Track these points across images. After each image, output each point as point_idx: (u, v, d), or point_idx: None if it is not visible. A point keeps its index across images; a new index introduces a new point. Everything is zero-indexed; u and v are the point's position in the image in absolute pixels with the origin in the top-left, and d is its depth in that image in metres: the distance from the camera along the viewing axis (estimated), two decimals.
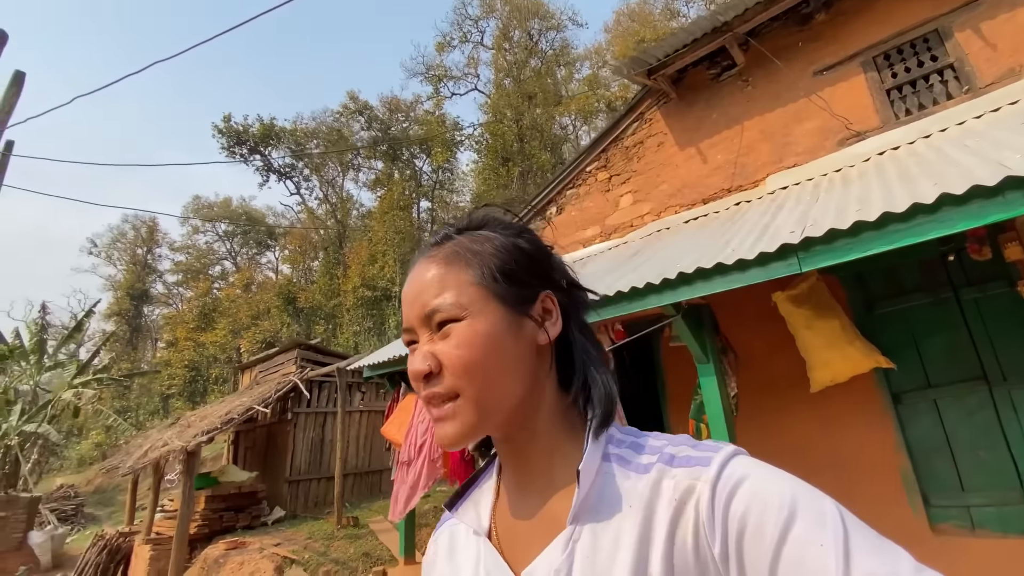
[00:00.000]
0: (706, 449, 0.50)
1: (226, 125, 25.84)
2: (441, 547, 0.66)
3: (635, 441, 0.56)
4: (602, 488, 0.52)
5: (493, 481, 0.64)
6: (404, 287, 0.60)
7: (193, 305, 30.66)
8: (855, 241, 2.24)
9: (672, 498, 0.48)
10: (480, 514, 0.62)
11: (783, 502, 0.43)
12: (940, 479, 3.38)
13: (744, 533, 0.44)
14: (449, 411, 0.53)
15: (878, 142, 3.88)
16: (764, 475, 0.46)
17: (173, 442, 7.06)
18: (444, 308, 0.54)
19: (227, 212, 36.02)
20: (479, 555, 0.59)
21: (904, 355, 3.51)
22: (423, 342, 0.56)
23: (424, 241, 0.65)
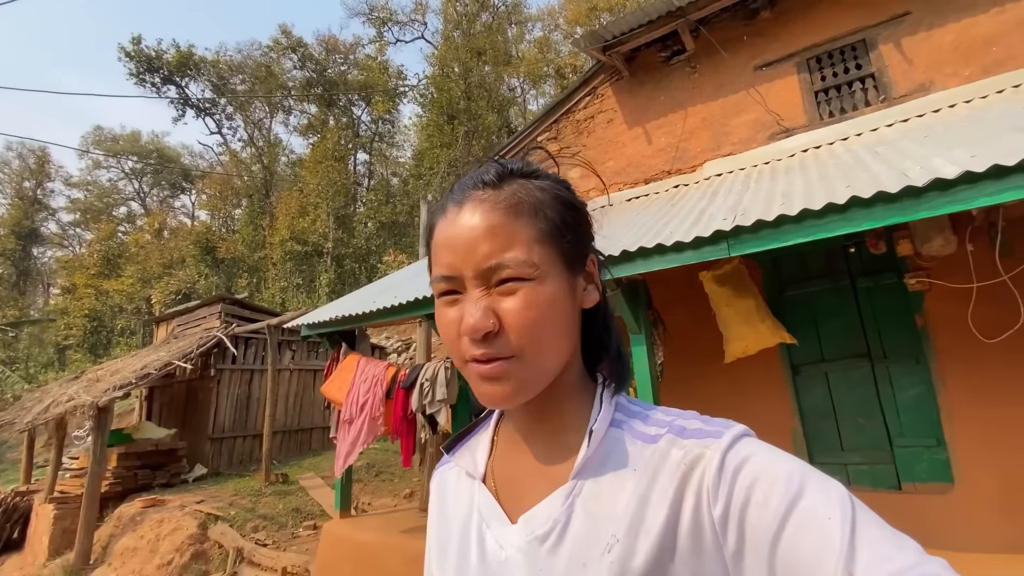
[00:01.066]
0: (718, 424, 0.51)
1: (135, 48, 22.97)
2: (436, 487, 0.69)
3: (644, 412, 0.56)
4: (609, 450, 0.53)
5: (491, 431, 0.65)
6: (450, 227, 0.54)
7: (95, 249, 27.69)
8: (777, 232, 2.52)
9: (680, 463, 0.49)
10: (476, 459, 0.63)
11: (791, 478, 0.43)
12: (825, 440, 3.94)
13: (749, 502, 0.44)
14: (500, 370, 0.50)
15: (804, 139, 4.25)
16: (775, 454, 0.47)
17: (81, 397, 6.57)
18: (513, 266, 0.51)
19: (135, 147, 32.44)
20: (472, 497, 0.61)
21: (805, 332, 3.98)
22: (476, 295, 0.51)
23: (471, 176, 0.57)
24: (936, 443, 3.45)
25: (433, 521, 0.67)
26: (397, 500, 6.85)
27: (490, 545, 0.56)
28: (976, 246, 3.07)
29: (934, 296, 3.52)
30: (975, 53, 3.75)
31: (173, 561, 5.48)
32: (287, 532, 6.24)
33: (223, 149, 29.38)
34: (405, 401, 4.06)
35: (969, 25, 3.80)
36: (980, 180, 1.89)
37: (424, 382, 3.91)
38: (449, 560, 0.61)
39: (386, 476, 7.96)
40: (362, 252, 22.50)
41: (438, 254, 0.54)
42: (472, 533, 0.59)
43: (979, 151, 2.06)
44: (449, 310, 0.53)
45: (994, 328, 3.05)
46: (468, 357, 0.51)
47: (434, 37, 26.85)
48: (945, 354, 3.47)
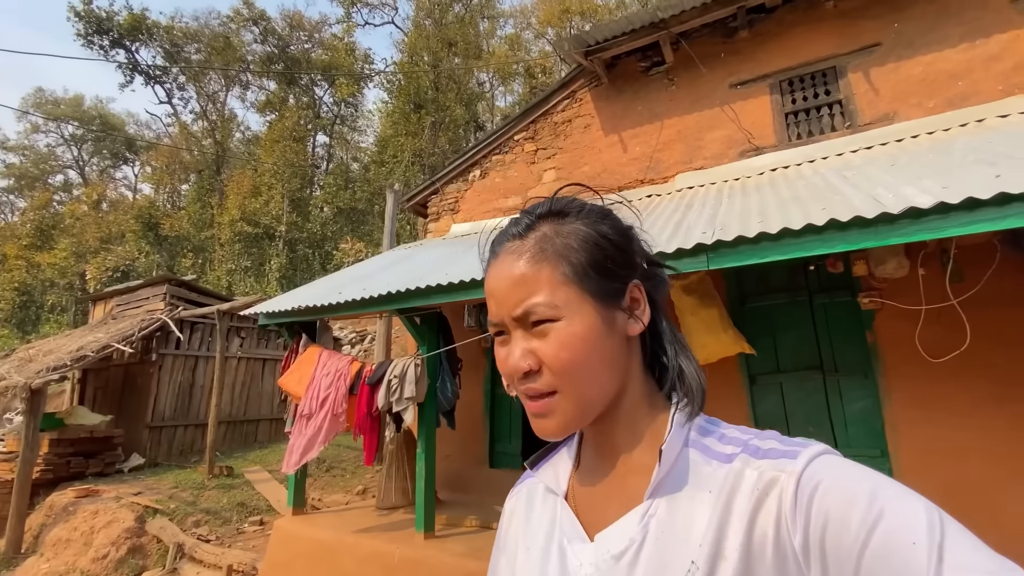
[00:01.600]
0: (794, 444, 0.50)
1: (85, 8, 21.29)
2: (520, 502, 0.69)
3: (720, 431, 0.57)
4: (683, 471, 0.54)
5: (574, 449, 0.66)
6: (489, 279, 0.59)
7: (27, 218, 25.53)
8: (755, 248, 2.60)
9: (755, 487, 0.48)
10: (559, 476, 0.65)
11: (873, 498, 0.42)
12: None
13: (828, 526, 0.43)
14: (546, 407, 0.54)
15: (772, 159, 4.42)
16: (853, 471, 0.46)
17: (12, 377, 6.03)
18: (538, 310, 0.54)
19: (77, 112, 30.07)
20: (556, 514, 0.62)
21: (763, 344, 4.16)
22: (517, 337, 0.56)
23: (504, 230, 0.61)
24: (880, 454, 3.68)
25: (517, 535, 0.67)
26: (349, 496, 6.68)
27: (571, 561, 0.57)
28: (927, 271, 3.29)
29: (885, 315, 3.75)
30: (941, 86, 4.00)
31: (109, 555, 5.13)
32: (232, 528, 5.96)
33: (172, 120, 27.73)
34: (370, 398, 3.95)
35: (937, 59, 4.05)
36: (953, 211, 2.02)
37: (392, 379, 3.82)
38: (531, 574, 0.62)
39: (337, 472, 7.75)
40: (317, 238, 21.79)
41: (487, 301, 0.59)
42: (554, 548, 0.60)
43: (949, 182, 2.20)
44: (501, 349, 0.58)
45: (940, 348, 3.28)
46: (519, 392, 0.57)
47: (404, 23, 26.34)
48: (892, 370, 3.71)
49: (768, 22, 4.73)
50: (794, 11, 4.66)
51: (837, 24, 4.48)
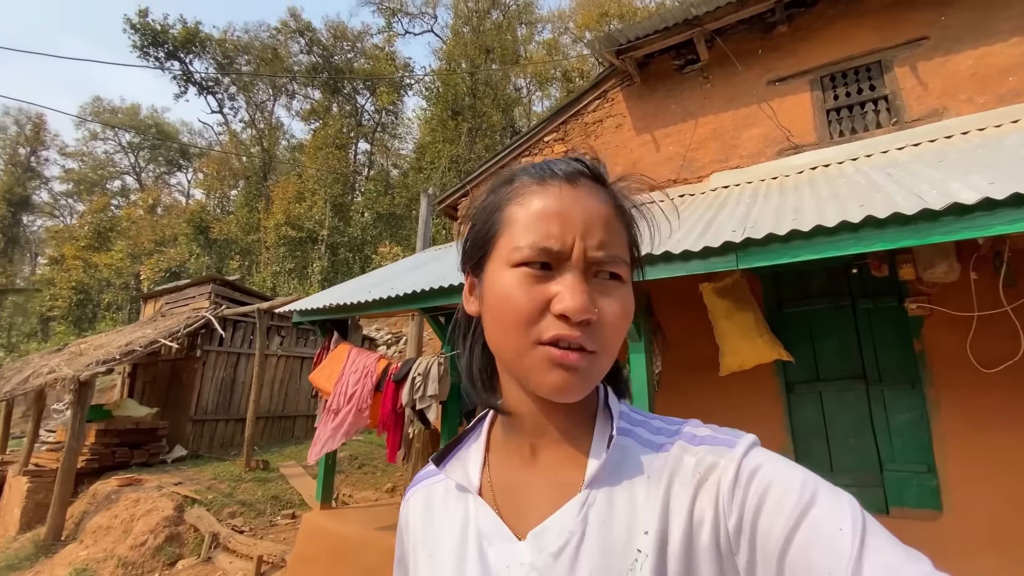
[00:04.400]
0: (729, 433, 0.51)
1: (141, 21, 22.71)
2: (415, 509, 0.63)
3: (647, 420, 0.56)
4: (618, 459, 0.52)
5: (482, 440, 0.61)
6: (564, 200, 0.51)
7: (86, 221, 27.33)
8: (787, 247, 2.48)
9: (695, 471, 0.48)
10: (468, 471, 0.59)
11: (805, 487, 0.43)
12: (815, 459, 3.92)
13: (762, 509, 0.44)
14: (580, 361, 0.48)
15: (813, 157, 4.23)
16: (787, 463, 0.47)
17: (62, 369, 6.43)
18: (618, 262, 0.51)
19: (133, 121, 32.01)
20: (468, 513, 0.56)
21: (802, 350, 3.97)
22: (578, 280, 0.49)
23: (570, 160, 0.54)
24: (927, 469, 3.44)
25: (416, 544, 0.60)
26: (379, 494, 6.77)
27: (494, 564, 0.52)
28: (980, 274, 3.06)
29: (934, 322, 3.52)
30: (991, 82, 3.75)
31: (147, 542, 5.37)
32: (265, 520, 6.15)
33: (223, 129, 29.15)
34: (395, 395, 3.99)
35: (987, 53, 3.80)
36: (999, 207, 1.87)
37: (416, 376, 3.84)
38: None
39: (368, 469, 7.88)
40: (357, 242, 22.36)
41: (535, 222, 0.50)
42: (470, 553, 0.54)
43: (997, 179, 2.04)
44: (535, 284, 0.49)
45: (993, 358, 3.05)
46: (547, 338, 0.48)
47: (443, 32, 26.83)
48: (941, 380, 3.47)
49: (808, 16, 4.54)
50: (836, 5, 4.46)
51: (882, 17, 4.25)
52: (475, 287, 0.57)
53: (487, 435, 0.62)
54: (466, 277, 0.59)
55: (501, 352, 0.53)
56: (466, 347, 0.62)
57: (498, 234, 0.53)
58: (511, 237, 0.51)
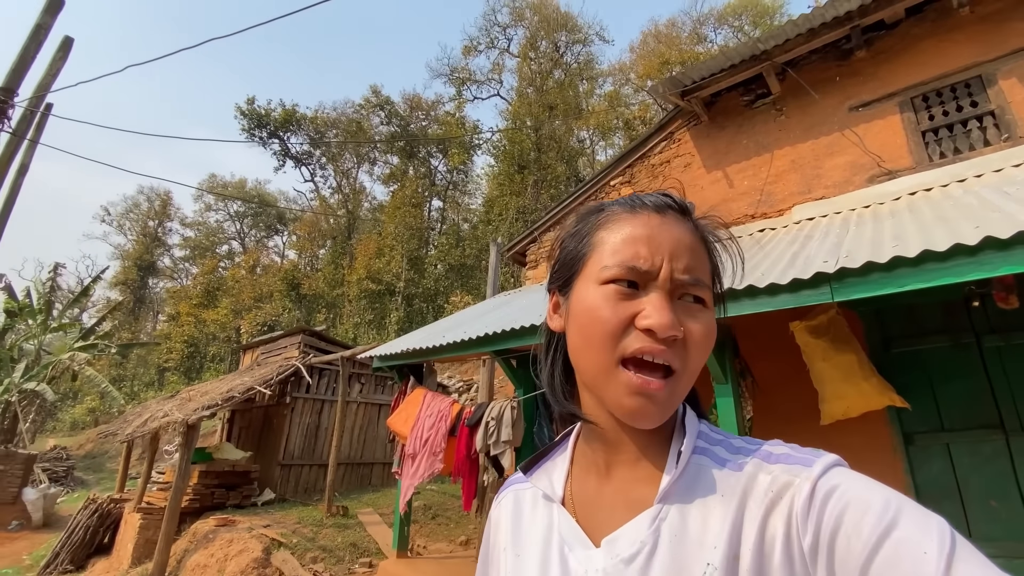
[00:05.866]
0: (808, 452, 0.50)
1: (249, 107, 26.09)
2: (506, 509, 0.66)
3: (727, 440, 0.56)
4: (693, 476, 0.53)
5: (568, 454, 0.64)
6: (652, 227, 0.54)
7: (198, 281, 30.75)
8: (890, 276, 2.25)
9: (768, 490, 0.48)
10: (554, 482, 0.62)
11: (887, 507, 0.42)
12: None
13: (839, 531, 0.42)
14: (659, 389, 0.50)
15: (910, 182, 3.90)
16: (868, 483, 0.45)
17: (174, 414, 7.06)
18: (702, 287, 0.53)
19: (240, 192, 36.22)
20: (552, 521, 0.59)
21: (919, 396, 3.50)
22: (664, 300, 0.51)
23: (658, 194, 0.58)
24: None
25: (505, 541, 0.64)
26: (452, 546, 6.63)
27: (574, 568, 0.55)
28: None
29: None
30: None
31: None
32: (344, 567, 6.18)
33: (314, 195, 32.11)
34: (469, 440, 3.97)
35: None
36: None
37: (489, 421, 3.82)
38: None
39: (442, 520, 7.77)
40: (430, 292, 23.24)
41: (625, 245, 0.54)
42: (553, 556, 0.57)
43: None
44: (621, 301, 0.52)
45: None
46: (631, 351, 0.50)
47: (509, 94, 28.35)
48: None
49: (889, 39, 4.33)
50: (921, 23, 4.22)
51: (976, 30, 3.96)
52: (560, 305, 0.61)
53: (572, 449, 0.65)
54: (552, 296, 0.63)
55: (584, 368, 0.55)
56: (548, 361, 0.65)
57: (588, 255, 0.56)
58: (600, 257, 0.55)
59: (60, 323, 15.36)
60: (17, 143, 4.39)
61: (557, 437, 0.69)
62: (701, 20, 26.51)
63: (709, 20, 26.37)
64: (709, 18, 26.34)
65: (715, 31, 26.33)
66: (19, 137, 4.39)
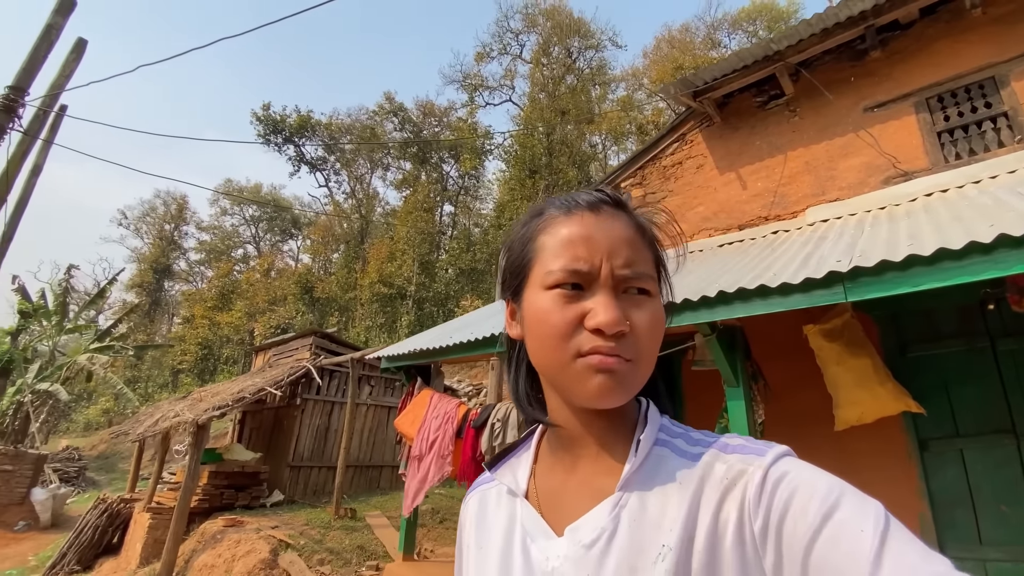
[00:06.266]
0: (762, 444, 0.52)
1: (265, 113, 26.48)
2: (470, 510, 0.68)
3: (687, 433, 0.58)
4: (654, 466, 0.55)
5: (531, 450, 0.66)
6: (587, 226, 0.56)
7: (213, 285, 31.16)
8: (905, 276, 2.21)
9: (723, 477, 0.50)
10: (517, 477, 0.64)
11: (830, 492, 0.44)
12: (959, 530, 3.27)
13: (787, 513, 0.45)
14: (620, 364, 0.52)
15: (926, 183, 3.83)
16: (816, 471, 0.48)
17: (184, 414, 7.14)
18: (644, 278, 0.55)
19: (256, 197, 36.73)
20: (515, 514, 0.61)
21: (934, 401, 3.43)
22: (609, 296, 0.53)
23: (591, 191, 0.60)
24: None
25: (470, 539, 0.67)
26: None
27: (536, 557, 0.56)
28: None
29: None
30: None
31: None
32: (351, 570, 6.18)
33: (328, 200, 32.44)
34: (475, 441, 3.95)
35: None
36: None
37: (495, 423, 3.80)
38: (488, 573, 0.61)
39: (450, 523, 7.74)
40: (441, 296, 23.31)
41: (564, 248, 0.55)
42: (515, 547, 0.59)
43: None
44: (568, 304, 0.54)
45: None
46: (586, 349, 0.52)
47: (521, 100, 28.45)
48: None
49: (904, 39, 4.27)
50: (935, 24, 4.16)
51: (990, 31, 3.90)
52: (516, 313, 0.62)
53: (536, 447, 0.66)
54: (507, 305, 0.64)
55: (544, 368, 0.57)
56: (512, 368, 0.67)
57: (532, 262, 0.58)
58: (543, 263, 0.56)
59: (75, 324, 15.64)
60: (29, 143, 4.47)
61: (522, 434, 0.71)
62: (715, 25, 26.46)
63: (723, 25, 26.31)
64: (723, 23, 26.28)
65: (729, 36, 26.25)
66: (31, 137, 4.48)
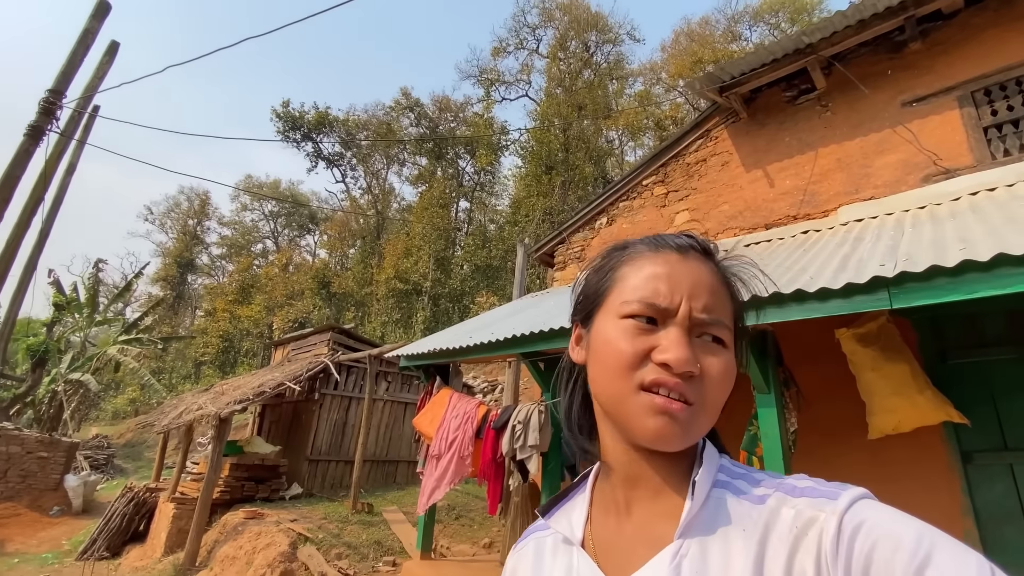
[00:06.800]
0: (834, 486, 0.49)
1: (284, 110, 26.72)
2: (525, 558, 0.65)
3: (749, 473, 0.55)
4: (715, 510, 0.52)
5: (587, 494, 0.63)
6: (673, 266, 0.56)
7: (233, 279, 31.69)
8: (957, 282, 2.07)
9: (793, 526, 0.47)
10: (573, 524, 0.61)
11: (919, 544, 0.40)
12: (1010, 550, 3.11)
13: (871, 568, 0.41)
14: (682, 409, 0.51)
15: (971, 181, 3.64)
16: (898, 517, 0.44)
17: (207, 407, 7.23)
18: (721, 327, 0.54)
19: (275, 193, 37.18)
20: (572, 564, 0.58)
21: (979, 411, 3.26)
22: (682, 336, 0.52)
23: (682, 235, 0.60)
24: None
25: None
26: (476, 548, 6.57)
27: None
28: None
29: None
30: None
31: (264, 575, 5.63)
32: (367, 565, 6.20)
33: (345, 196, 32.68)
34: (495, 443, 3.90)
35: None
36: None
37: (516, 424, 3.73)
38: None
39: (465, 521, 7.73)
40: (456, 292, 23.32)
41: (646, 282, 0.55)
42: None
43: None
44: (640, 335, 0.53)
45: None
46: (648, 381, 0.51)
47: (537, 95, 28.23)
48: None
49: (947, 30, 4.06)
50: (982, 13, 3.94)
51: None
52: (582, 338, 0.61)
53: (591, 489, 0.64)
54: (574, 328, 0.64)
55: (603, 396, 0.56)
56: (567, 393, 0.65)
57: (609, 290, 0.58)
58: (622, 293, 0.56)
59: (104, 317, 16.02)
60: (65, 143, 4.55)
61: (577, 477, 0.69)
62: (736, 18, 25.85)
63: (744, 18, 25.70)
64: (744, 15, 25.67)
65: (750, 29, 25.64)
66: (67, 137, 4.54)
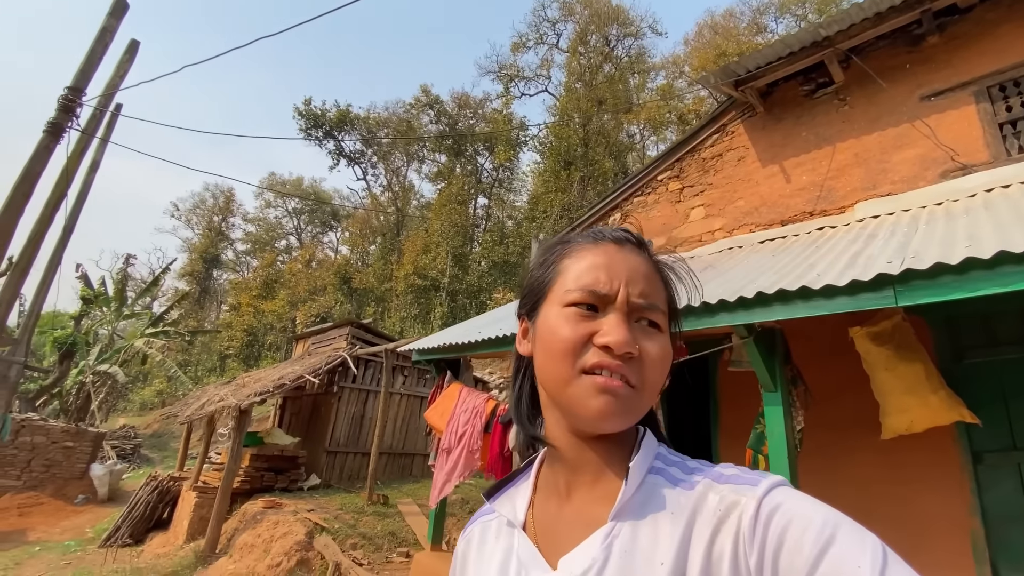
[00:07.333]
0: (755, 474, 0.52)
1: (306, 108, 27.13)
2: (471, 543, 0.68)
3: (683, 463, 0.58)
4: (647, 494, 0.55)
5: (531, 479, 0.66)
6: (610, 255, 0.60)
7: (258, 274, 32.43)
8: (962, 280, 2.05)
9: (716, 509, 0.50)
10: (516, 508, 0.64)
11: (825, 524, 0.44)
12: (1015, 550, 3.05)
13: (782, 547, 0.44)
14: (625, 390, 0.54)
15: (986, 178, 3.55)
16: (810, 502, 0.48)
17: (228, 399, 7.47)
18: (657, 312, 0.58)
19: (298, 190, 37.84)
20: (512, 545, 0.61)
21: (991, 411, 3.21)
22: (622, 321, 0.56)
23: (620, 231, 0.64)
24: None
25: (464, 572, 0.67)
26: None
27: None
28: None
29: None
30: None
31: (281, 564, 5.82)
32: (382, 555, 6.34)
33: (366, 193, 33.07)
34: (503, 437, 3.96)
35: None
36: None
37: None
38: None
39: None
40: (474, 289, 23.45)
41: (586, 271, 0.58)
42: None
43: None
44: (582, 320, 0.56)
45: None
46: (591, 364, 0.54)
47: (557, 89, 28.11)
48: None
49: (963, 23, 3.95)
50: (996, 8, 3.83)
51: None
52: (528, 332, 0.64)
53: (535, 474, 0.67)
54: (521, 323, 0.67)
55: (548, 382, 0.58)
56: (516, 386, 0.69)
57: (552, 282, 0.61)
58: (564, 283, 0.59)
59: (132, 311, 16.60)
60: (87, 141, 4.73)
61: (523, 463, 0.71)
62: (761, 9, 25.31)
63: (770, 9, 25.14)
64: (770, 7, 25.10)
65: (776, 21, 25.08)
66: (89, 135, 4.72)
